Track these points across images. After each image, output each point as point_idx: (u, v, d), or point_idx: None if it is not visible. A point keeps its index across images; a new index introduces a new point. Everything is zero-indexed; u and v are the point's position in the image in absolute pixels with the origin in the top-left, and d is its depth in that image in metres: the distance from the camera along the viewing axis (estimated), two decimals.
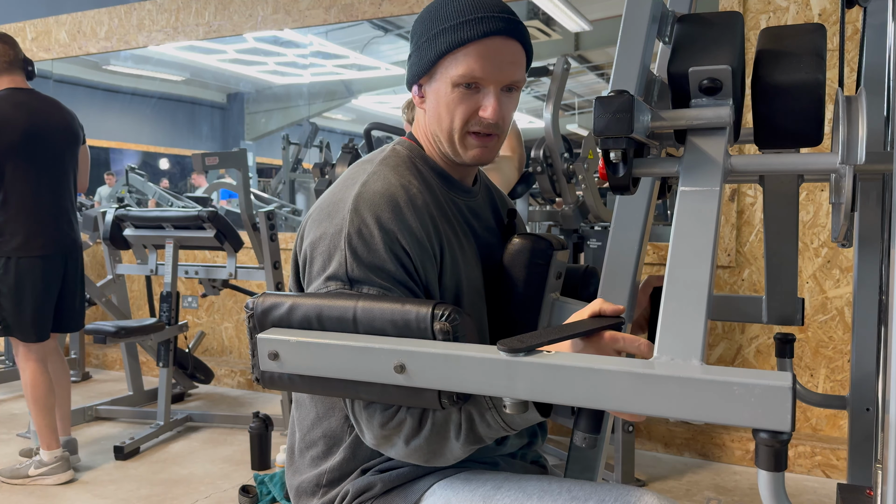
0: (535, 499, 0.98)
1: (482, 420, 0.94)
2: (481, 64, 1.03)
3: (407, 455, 0.99)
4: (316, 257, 1.03)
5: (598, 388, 0.70)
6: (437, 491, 1.05)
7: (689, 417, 0.67)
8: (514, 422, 0.94)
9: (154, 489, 2.65)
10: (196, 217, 3.15)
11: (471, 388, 0.77)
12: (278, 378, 0.93)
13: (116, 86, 6.55)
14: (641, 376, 0.68)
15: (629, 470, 2.61)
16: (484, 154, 1.10)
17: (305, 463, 1.14)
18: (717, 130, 0.88)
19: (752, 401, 0.64)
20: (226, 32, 4.39)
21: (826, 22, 2.84)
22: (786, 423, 0.63)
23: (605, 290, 1.09)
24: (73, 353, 4.31)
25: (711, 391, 0.66)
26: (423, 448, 0.97)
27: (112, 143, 7.55)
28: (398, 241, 1.00)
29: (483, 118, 1.06)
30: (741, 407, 0.64)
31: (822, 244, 2.89)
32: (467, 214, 1.17)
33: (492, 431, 0.95)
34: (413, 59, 1.11)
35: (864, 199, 1.22)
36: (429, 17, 1.08)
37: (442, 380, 0.78)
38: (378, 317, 0.89)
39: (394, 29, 4.96)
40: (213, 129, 7.23)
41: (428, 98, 1.11)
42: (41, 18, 5.02)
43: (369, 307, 0.89)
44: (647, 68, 0.99)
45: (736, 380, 0.64)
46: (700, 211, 0.82)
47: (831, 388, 2.90)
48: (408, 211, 1.03)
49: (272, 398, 3.91)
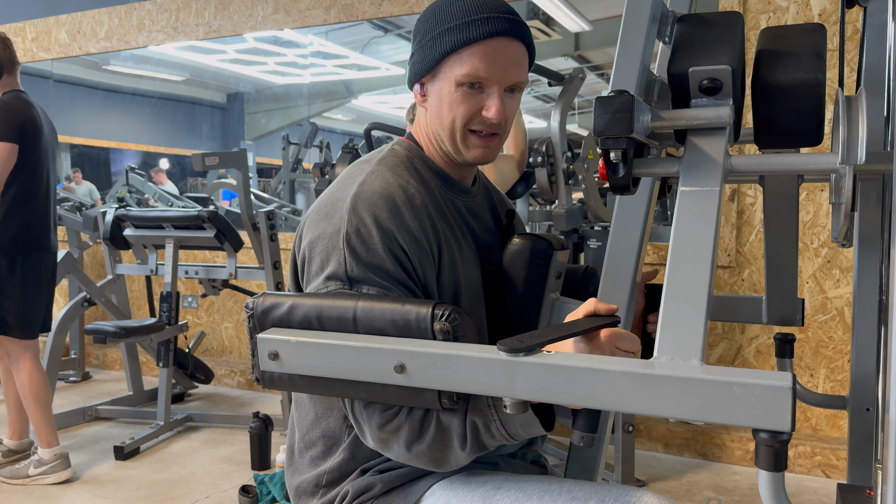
0: (535, 499, 0.98)
1: (486, 431, 0.94)
2: (486, 64, 1.03)
3: (409, 459, 0.99)
4: (314, 257, 1.03)
5: (599, 387, 0.70)
6: (436, 491, 1.05)
7: (690, 417, 0.67)
8: (517, 434, 0.94)
9: (154, 489, 2.65)
10: (196, 217, 3.15)
11: (471, 389, 0.77)
12: (278, 378, 0.93)
13: (116, 86, 6.55)
14: (641, 376, 0.68)
15: (629, 470, 2.61)
16: (485, 154, 1.10)
17: (305, 463, 1.14)
18: (717, 130, 0.88)
19: (752, 401, 0.64)
20: (226, 32, 4.39)
21: (826, 22, 2.84)
22: (786, 423, 0.63)
23: (605, 290, 1.09)
24: (73, 353, 4.31)
25: (711, 391, 0.66)
26: (426, 454, 0.97)
27: (112, 143, 7.55)
28: (396, 241, 1.00)
29: (486, 118, 1.06)
30: (741, 407, 0.64)
31: (822, 244, 2.89)
32: (466, 215, 1.17)
33: (495, 442, 0.95)
34: (416, 57, 1.10)
35: (864, 199, 1.22)
36: (433, 16, 1.08)
37: (442, 380, 0.78)
38: (378, 317, 0.89)
39: (394, 29, 4.96)
40: (213, 129, 7.22)
41: (430, 97, 1.11)
42: (41, 18, 5.02)
43: (369, 307, 0.89)
44: (647, 68, 0.99)
45: (736, 380, 0.64)
46: (700, 211, 0.82)
47: (831, 388, 2.90)
48: (406, 211, 1.03)
49: (272, 398, 3.91)
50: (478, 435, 0.94)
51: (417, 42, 1.10)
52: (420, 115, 1.16)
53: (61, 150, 7.21)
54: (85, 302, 3.52)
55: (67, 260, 3.56)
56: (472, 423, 0.94)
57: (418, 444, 0.96)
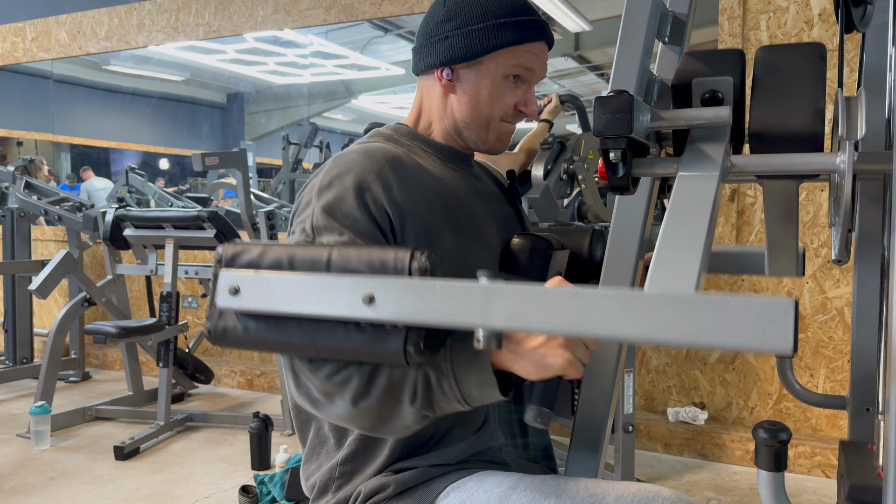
0: (552, 498, 0.96)
1: (439, 386, 0.90)
2: (535, 63, 1.11)
3: (351, 417, 0.93)
4: (292, 220, 1.06)
5: (582, 311, 0.65)
6: (451, 493, 1.03)
7: (681, 340, 0.62)
8: (471, 394, 0.90)
9: (154, 489, 2.65)
10: (196, 217, 3.15)
11: (443, 318, 0.72)
12: (231, 330, 0.87)
13: (116, 86, 6.55)
14: (629, 297, 0.63)
15: (629, 470, 2.61)
16: (507, 142, 1.17)
17: (319, 458, 1.13)
18: (716, 130, 0.88)
19: (751, 319, 0.59)
20: (226, 32, 4.39)
21: (826, 21, 2.84)
22: (787, 343, 0.58)
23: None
24: (73, 353, 4.31)
25: (705, 310, 0.60)
26: (372, 410, 0.92)
27: (112, 143, 7.55)
28: (371, 193, 1.01)
29: (524, 112, 1.13)
30: (738, 327, 0.59)
31: (822, 244, 2.89)
32: (469, 178, 1.19)
33: (446, 401, 0.91)
34: (453, 41, 1.09)
35: (864, 199, 1.22)
36: (482, 4, 1.09)
37: (413, 310, 0.73)
38: (354, 258, 0.85)
39: (394, 29, 4.96)
40: (213, 129, 7.23)
41: (463, 83, 1.11)
42: (41, 18, 5.02)
43: (346, 251, 0.86)
44: (647, 68, 0.99)
45: (733, 297, 0.60)
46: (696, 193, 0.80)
47: (831, 388, 2.90)
48: (387, 166, 1.04)
49: (272, 398, 3.91)
50: (429, 391, 0.91)
51: (455, 25, 1.09)
52: (430, 99, 1.16)
53: (61, 150, 7.21)
54: (85, 302, 3.52)
55: (67, 260, 3.56)
56: (424, 374, 0.91)
57: (366, 398, 0.91)
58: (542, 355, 0.87)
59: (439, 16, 1.11)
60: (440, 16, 1.11)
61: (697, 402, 3.16)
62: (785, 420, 3.02)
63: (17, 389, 4.05)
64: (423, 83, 1.17)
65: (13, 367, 4.21)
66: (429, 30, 1.12)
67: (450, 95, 1.13)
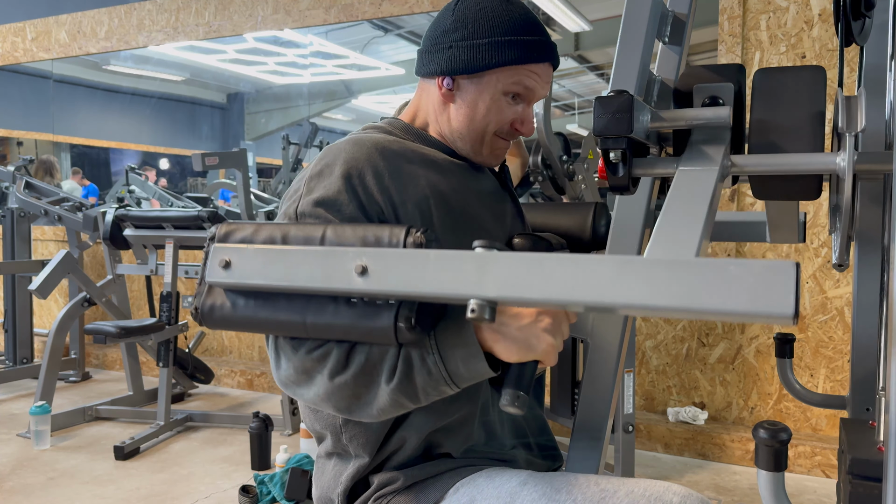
0: (563, 493, 0.96)
1: (422, 365, 0.89)
2: (537, 85, 1.10)
3: (328, 394, 0.92)
4: (280, 208, 1.06)
5: (579, 277, 0.63)
6: (460, 489, 1.04)
7: (680, 306, 0.60)
8: (457, 371, 0.88)
9: (154, 489, 2.65)
10: (196, 217, 3.15)
11: (437, 289, 0.70)
12: (219, 308, 0.86)
13: (116, 86, 6.54)
14: (627, 262, 0.62)
15: (629, 470, 2.61)
16: (500, 157, 1.16)
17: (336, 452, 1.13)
18: (716, 130, 0.88)
19: (752, 281, 0.57)
20: (226, 32, 4.39)
21: (826, 21, 2.84)
22: (789, 306, 0.56)
23: None
24: (73, 353, 4.31)
25: (705, 274, 0.59)
26: (348, 386, 0.91)
27: (112, 143, 7.54)
28: (361, 182, 1.01)
29: (519, 130, 1.13)
30: (739, 291, 0.58)
31: (822, 244, 2.89)
32: (467, 174, 1.18)
33: (431, 382, 0.89)
34: (457, 52, 1.09)
35: (864, 200, 1.22)
36: (488, 18, 1.08)
37: (406, 281, 0.72)
38: (349, 235, 0.84)
39: (394, 29, 4.95)
40: (213, 129, 7.22)
41: (463, 93, 1.11)
42: (41, 18, 5.02)
43: (340, 228, 0.86)
44: (647, 68, 0.99)
45: (733, 261, 0.59)
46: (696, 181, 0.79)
47: (831, 388, 2.90)
48: (378, 156, 1.04)
49: (272, 398, 3.91)
50: (411, 369, 0.89)
51: (461, 36, 1.08)
52: (428, 102, 1.16)
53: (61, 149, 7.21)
54: (85, 302, 3.52)
55: (67, 260, 3.56)
56: (406, 354, 0.89)
57: (343, 373, 0.90)
58: (527, 336, 0.86)
59: (447, 23, 1.10)
60: (448, 24, 1.10)
61: (697, 402, 3.16)
62: (785, 420, 3.02)
63: (17, 389, 4.05)
64: (424, 86, 1.17)
65: (13, 367, 4.20)
66: (435, 35, 1.12)
67: (448, 104, 1.13)
